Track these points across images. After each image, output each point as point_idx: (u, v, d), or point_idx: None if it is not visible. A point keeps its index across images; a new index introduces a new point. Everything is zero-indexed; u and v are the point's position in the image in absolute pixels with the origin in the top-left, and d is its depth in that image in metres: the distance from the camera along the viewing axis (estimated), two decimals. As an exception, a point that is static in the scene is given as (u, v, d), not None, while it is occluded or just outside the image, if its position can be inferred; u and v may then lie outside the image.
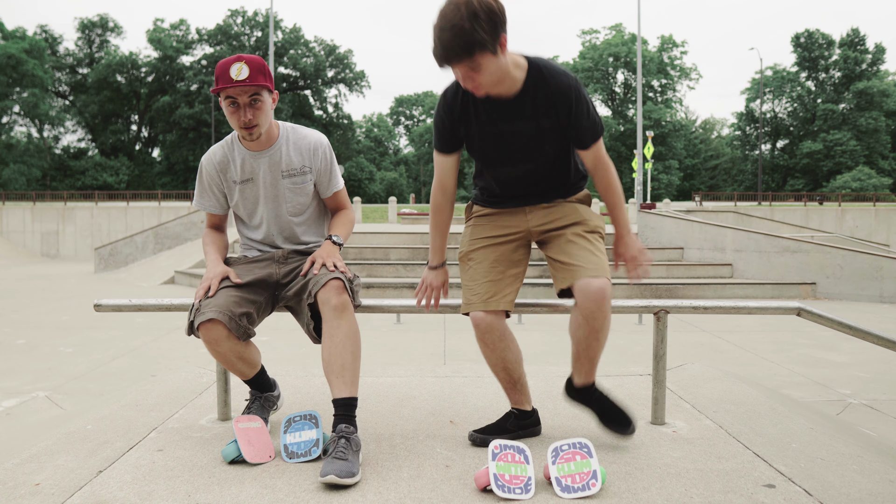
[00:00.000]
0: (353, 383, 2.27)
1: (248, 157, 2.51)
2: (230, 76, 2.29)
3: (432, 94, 77.41)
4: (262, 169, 2.50)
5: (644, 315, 6.91)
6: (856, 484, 2.13)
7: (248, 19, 61.76)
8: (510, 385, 2.43)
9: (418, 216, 22.57)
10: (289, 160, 2.51)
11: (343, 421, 2.21)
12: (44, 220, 28.01)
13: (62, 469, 2.20)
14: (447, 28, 1.95)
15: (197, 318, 2.27)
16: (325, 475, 2.01)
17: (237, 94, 2.32)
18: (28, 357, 6.60)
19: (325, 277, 2.31)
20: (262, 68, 2.35)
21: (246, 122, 2.35)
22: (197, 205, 2.61)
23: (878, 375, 5.67)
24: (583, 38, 68.72)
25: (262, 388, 2.61)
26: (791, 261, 11.72)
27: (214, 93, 2.34)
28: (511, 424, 2.46)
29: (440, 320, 8.35)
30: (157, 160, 62.63)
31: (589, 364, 2.35)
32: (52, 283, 14.88)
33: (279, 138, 2.51)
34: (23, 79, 50.47)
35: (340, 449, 2.11)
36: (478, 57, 1.99)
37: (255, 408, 2.56)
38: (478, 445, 2.38)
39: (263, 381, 2.61)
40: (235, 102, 2.34)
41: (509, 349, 2.35)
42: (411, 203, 43.18)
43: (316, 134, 2.57)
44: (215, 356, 2.39)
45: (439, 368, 3.79)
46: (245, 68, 2.29)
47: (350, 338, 2.28)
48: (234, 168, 2.53)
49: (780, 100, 59.78)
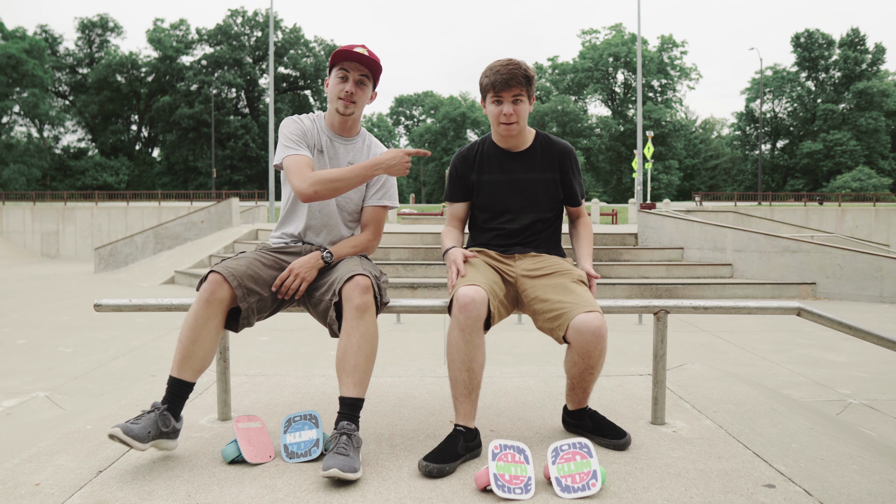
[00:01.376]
0: (363, 385, 2.28)
1: (328, 136, 2.61)
2: (353, 51, 2.48)
3: (432, 94, 77.40)
4: (336, 153, 2.61)
5: (644, 315, 6.91)
6: (856, 484, 2.13)
7: (248, 19, 61.77)
8: (468, 392, 2.28)
9: (418, 216, 22.57)
10: (359, 157, 2.62)
11: (346, 419, 2.22)
12: (44, 220, 28.02)
13: (62, 469, 2.20)
14: (507, 64, 2.42)
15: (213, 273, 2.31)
16: (328, 469, 2.02)
17: (352, 67, 2.51)
18: (28, 357, 6.60)
19: (351, 273, 2.32)
20: (378, 61, 2.53)
21: (350, 91, 2.50)
22: (293, 151, 2.48)
23: (878, 375, 5.67)
24: (583, 38, 68.83)
25: (174, 399, 2.25)
26: (791, 261, 11.72)
27: (331, 65, 2.53)
28: (461, 447, 2.25)
29: (440, 320, 8.35)
30: (157, 160, 62.67)
31: (583, 393, 2.46)
32: (52, 283, 14.88)
33: (360, 134, 2.68)
34: (23, 79, 50.48)
35: (342, 445, 2.12)
36: (526, 91, 2.45)
37: (148, 420, 2.16)
38: (434, 477, 2.13)
39: (182, 394, 2.28)
40: (346, 76, 2.51)
41: (480, 349, 2.29)
42: (411, 203, 43.15)
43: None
44: (200, 309, 2.26)
45: (439, 368, 3.79)
46: (366, 51, 2.51)
47: (367, 340, 2.29)
48: (315, 135, 2.60)
49: (780, 100, 59.78)
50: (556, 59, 69.78)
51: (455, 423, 2.31)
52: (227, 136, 57.95)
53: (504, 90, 2.42)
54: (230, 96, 61.06)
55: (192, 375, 2.29)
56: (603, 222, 23.10)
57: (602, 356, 2.31)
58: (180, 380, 2.27)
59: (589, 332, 2.24)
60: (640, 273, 12.14)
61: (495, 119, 2.49)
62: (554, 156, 2.59)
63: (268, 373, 3.61)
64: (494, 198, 2.58)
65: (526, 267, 2.52)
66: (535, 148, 2.59)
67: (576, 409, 2.51)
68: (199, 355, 2.28)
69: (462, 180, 2.63)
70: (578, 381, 2.39)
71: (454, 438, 2.27)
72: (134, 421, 2.14)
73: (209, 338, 2.29)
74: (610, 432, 2.40)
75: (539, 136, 2.62)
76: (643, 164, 26.35)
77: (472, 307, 2.24)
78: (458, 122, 68.55)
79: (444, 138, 67.52)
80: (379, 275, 2.47)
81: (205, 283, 2.29)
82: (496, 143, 2.61)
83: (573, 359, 2.33)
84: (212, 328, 2.29)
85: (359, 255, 2.61)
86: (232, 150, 57.75)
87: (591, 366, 2.32)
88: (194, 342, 2.26)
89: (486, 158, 2.59)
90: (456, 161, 2.66)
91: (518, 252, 2.57)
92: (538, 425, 2.68)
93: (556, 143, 2.61)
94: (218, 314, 2.29)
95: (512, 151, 2.58)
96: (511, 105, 2.44)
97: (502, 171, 2.57)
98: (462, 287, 2.29)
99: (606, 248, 13.04)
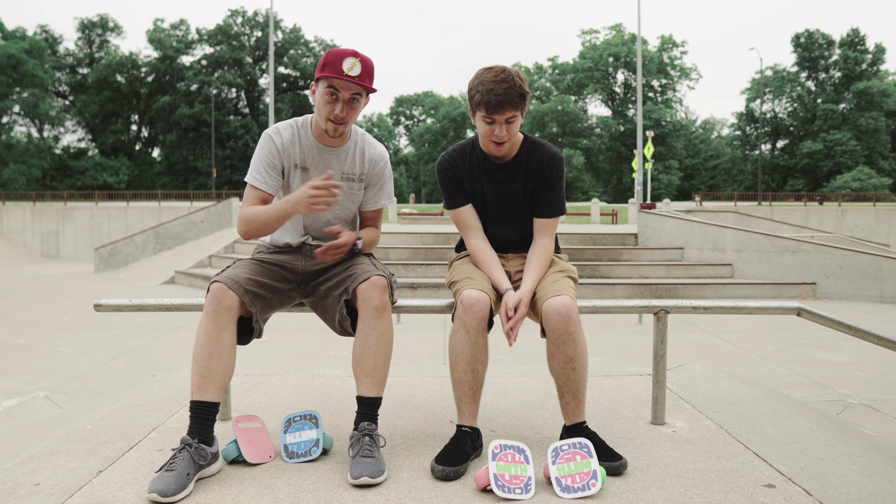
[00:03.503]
0: (381, 384, 2.28)
1: (313, 148, 2.44)
2: (342, 68, 2.25)
3: (432, 94, 77.40)
4: (323, 165, 2.44)
5: (644, 315, 6.90)
6: (856, 484, 2.13)
7: (248, 19, 61.73)
8: (472, 393, 2.28)
9: (418, 216, 22.58)
10: (352, 164, 2.47)
11: (366, 419, 2.23)
12: (44, 220, 28.01)
13: (62, 469, 2.20)
14: (502, 82, 2.25)
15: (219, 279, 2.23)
16: (358, 477, 2.02)
17: (342, 87, 2.29)
18: (28, 357, 6.60)
19: (368, 274, 2.27)
20: (371, 71, 2.32)
21: (341, 115, 2.30)
22: (253, 180, 2.38)
23: (878, 375, 5.67)
24: (583, 38, 68.81)
25: (201, 426, 2.14)
26: (791, 261, 11.72)
27: (318, 77, 2.30)
28: (469, 448, 2.24)
29: (440, 320, 8.35)
30: (157, 160, 62.64)
31: (574, 401, 2.31)
32: (52, 283, 14.88)
33: (349, 141, 2.48)
34: (23, 79, 50.46)
35: (366, 447, 2.12)
36: (520, 110, 2.31)
37: (182, 460, 2.03)
38: (451, 480, 2.10)
39: (210, 416, 2.17)
40: (335, 94, 2.30)
41: (484, 350, 2.29)
42: (411, 203, 43.15)
43: (381, 147, 2.56)
44: (210, 323, 2.18)
45: (439, 368, 3.79)
46: (358, 65, 2.27)
47: (385, 341, 2.28)
48: (296, 152, 2.43)
49: (780, 100, 59.76)
50: (556, 59, 69.82)
51: (459, 424, 2.30)
52: (227, 136, 57.94)
53: (497, 113, 2.27)
54: (230, 96, 61.04)
55: (215, 395, 2.16)
56: (603, 222, 23.10)
57: (577, 346, 2.24)
58: (203, 402, 2.14)
59: (554, 312, 2.22)
60: (640, 273, 12.14)
61: (485, 137, 2.37)
62: (535, 165, 2.46)
63: (268, 373, 3.61)
64: (478, 208, 2.51)
65: (517, 266, 2.54)
66: (521, 157, 2.46)
67: (572, 425, 2.33)
68: (219, 371, 2.17)
69: (459, 183, 2.49)
70: (564, 381, 2.29)
71: (461, 440, 2.24)
72: (168, 468, 2.00)
73: (226, 351, 2.18)
74: (604, 454, 2.20)
75: (526, 144, 2.48)
76: (643, 164, 26.34)
77: (477, 308, 2.24)
78: (458, 122, 68.54)
79: (444, 138, 67.54)
80: (389, 275, 2.43)
81: (209, 295, 2.20)
82: (483, 152, 2.48)
83: (550, 350, 2.29)
84: (226, 339, 2.19)
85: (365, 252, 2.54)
86: (232, 150, 57.73)
87: (569, 357, 2.25)
88: (210, 358, 2.15)
89: (474, 166, 2.48)
90: (447, 166, 2.50)
91: (511, 252, 2.57)
92: (538, 425, 2.68)
93: (541, 151, 2.47)
94: (230, 324, 2.20)
95: (498, 162, 2.47)
96: (504, 126, 2.31)
97: (489, 181, 2.48)
98: (466, 289, 2.28)
99: (606, 248, 13.04)
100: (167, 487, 1.93)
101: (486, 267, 2.43)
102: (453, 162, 2.49)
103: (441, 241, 13.78)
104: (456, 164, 2.49)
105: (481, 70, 2.33)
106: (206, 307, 2.21)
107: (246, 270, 2.33)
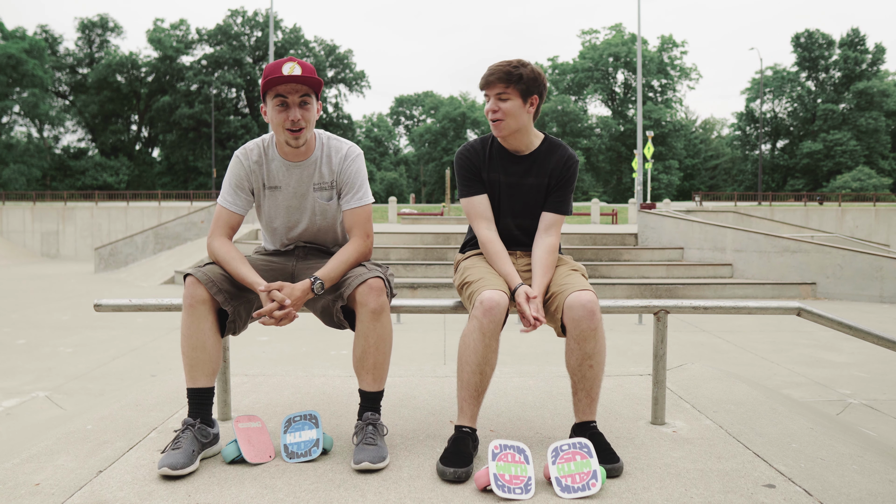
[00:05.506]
0: (382, 379, 2.34)
1: (280, 166, 2.43)
2: (282, 73, 2.24)
3: (432, 94, 77.31)
4: (293, 181, 2.43)
5: (644, 315, 6.91)
6: (856, 484, 2.13)
7: (248, 19, 61.72)
8: (477, 394, 2.27)
9: (418, 216, 22.59)
10: (321, 174, 2.45)
11: (369, 409, 2.31)
12: (44, 220, 28.02)
13: (62, 469, 2.20)
14: (498, 63, 2.45)
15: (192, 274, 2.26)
16: (360, 462, 2.12)
17: (288, 91, 2.27)
18: (28, 357, 6.60)
19: (363, 277, 2.26)
20: (312, 70, 2.30)
21: (295, 119, 2.28)
22: (224, 202, 2.42)
23: (878, 375, 5.67)
24: (583, 38, 68.76)
25: (199, 409, 2.27)
26: (791, 261, 11.72)
27: (263, 92, 2.29)
28: (471, 448, 2.24)
29: (440, 320, 8.35)
30: (157, 160, 62.62)
31: (587, 398, 2.32)
32: (52, 283, 14.88)
33: (315, 151, 2.44)
34: (23, 79, 50.45)
35: (369, 435, 2.21)
36: (510, 90, 2.41)
37: (186, 439, 2.18)
38: (462, 482, 2.10)
39: (205, 400, 2.29)
40: (285, 102, 2.28)
41: (496, 353, 2.28)
42: (411, 203, 43.12)
43: (349, 145, 2.49)
44: (187, 316, 2.25)
45: (439, 368, 3.79)
46: (297, 67, 2.26)
47: (384, 339, 2.30)
48: (265, 172, 2.44)
49: (780, 100, 59.75)
50: (556, 59, 69.77)
51: (459, 425, 2.29)
52: (227, 136, 57.92)
53: (486, 87, 2.45)
54: (230, 96, 61.03)
55: (206, 381, 2.28)
56: (603, 222, 23.10)
57: (598, 343, 2.25)
58: (197, 388, 2.27)
59: (580, 306, 2.23)
60: (640, 273, 12.14)
61: (486, 114, 2.50)
62: (551, 162, 2.53)
63: (268, 373, 3.61)
64: (493, 199, 2.55)
65: (527, 262, 2.56)
66: (539, 153, 2.54)
67: (580, 423, 2.33)
68: (205, 359, 2.26)
69: (478, 172, 2.54)
70: (579, 377, 2.29)
71: (464, 440, 2.23)
72: (174, 446, 2.15)
73: (208, 340, 2.26)
74: (603, 456, 2.18)
75: (546, 141, 2.57)
76: (643, 164, 26.33)
77: (497, 311, 2.22)
78: (458, 122, 68.49)
79: (444, 138, 67.47)
80: (384, 270, 2.42)
81: (184, 289, 2.28)
82: (502, 144, 2.55)
83: (569, 345, 2.29)
84: (206, 329, 2.26)
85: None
86: (232, 150, 57.28)
87: (588, 354, 2.26)
88: (195, 349, 2.26)
89: (494, 157, 2.55)
90: (467, 155, 2.55)
91: (520, 250, 2.58)
92: (538, 425, 2.68)
93: (560, 150, 2.56)
94: (207, 315, 2.26)
95: (516, 154, 2.54)
96: (496, 101, 2.43)
97: (504, 172, 2.54)
98: (486, 290, 2.26)
99: (606, 248, 13.04)
100: (176, 461, 2.09)
101: (497, 259, 2.45)
102: (473, 151, 2.57)
103: (441, 241, 13.78)
104: (476, 153, 2.57)
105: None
106: (182, 300, 2.28)
107: (221, 269, 2.34)
